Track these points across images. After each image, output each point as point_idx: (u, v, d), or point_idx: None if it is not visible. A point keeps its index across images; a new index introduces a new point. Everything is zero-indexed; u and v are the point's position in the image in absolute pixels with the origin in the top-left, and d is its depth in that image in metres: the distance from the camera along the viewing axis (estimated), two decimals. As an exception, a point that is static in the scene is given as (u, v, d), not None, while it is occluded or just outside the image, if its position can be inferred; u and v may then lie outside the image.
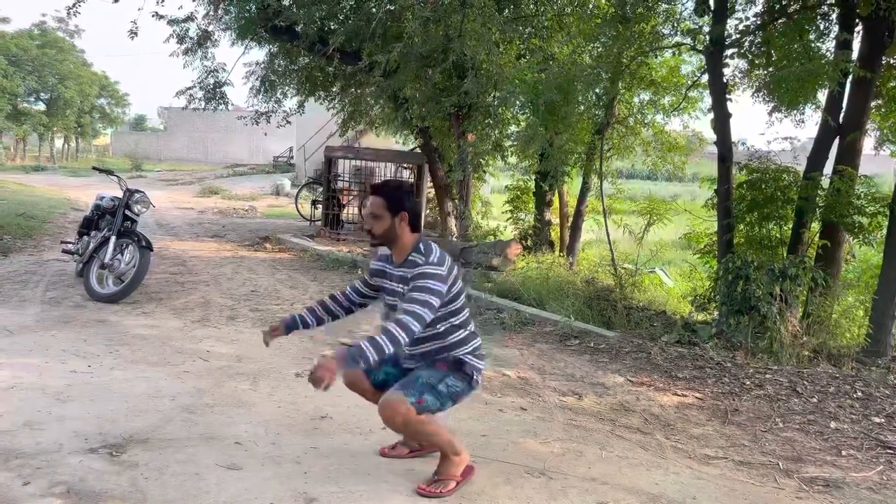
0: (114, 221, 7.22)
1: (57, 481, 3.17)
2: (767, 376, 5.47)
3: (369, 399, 3.52)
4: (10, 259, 8.99)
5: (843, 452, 4.21)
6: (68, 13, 10.26)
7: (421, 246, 3.30)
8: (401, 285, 3.30)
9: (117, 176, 7.73)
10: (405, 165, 14.41)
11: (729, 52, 7.40)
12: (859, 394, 5.18)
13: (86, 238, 7.64)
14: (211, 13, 11.35)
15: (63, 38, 41.38)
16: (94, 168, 8.83)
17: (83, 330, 5.85)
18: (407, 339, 3.05)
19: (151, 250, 7.09)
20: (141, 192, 7.57)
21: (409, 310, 3.08)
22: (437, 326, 3.28)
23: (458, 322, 3.33)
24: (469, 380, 3.36)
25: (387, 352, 3.01)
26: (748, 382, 5.35)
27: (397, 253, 3.36)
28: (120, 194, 7.46)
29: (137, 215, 7.44)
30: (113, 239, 7.05)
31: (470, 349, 3.36)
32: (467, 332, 3.37)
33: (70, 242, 8.00)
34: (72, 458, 3.42)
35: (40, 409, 4.01)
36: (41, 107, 41.85)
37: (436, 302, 3.15)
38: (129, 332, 5.87)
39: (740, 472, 3.86)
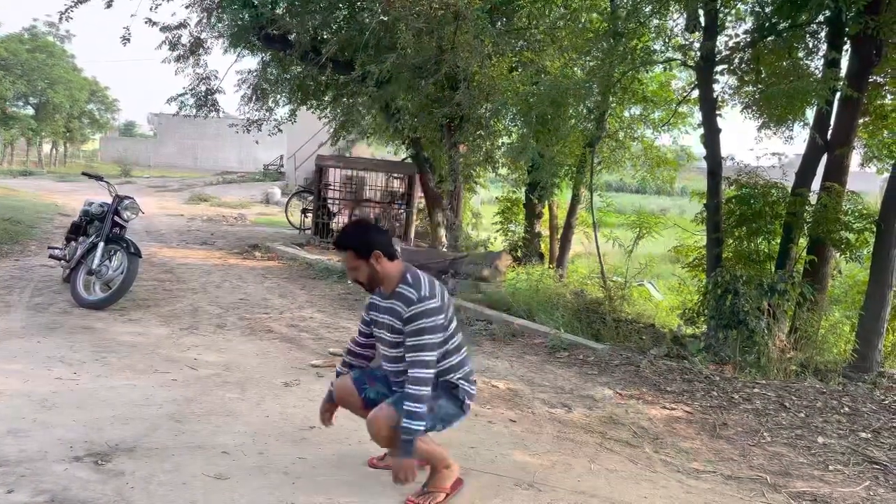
0: (102, 227, 7.16)
1: (41, 489, 3.13)
2: (755, 390, 5.49)
3: (359, 415, 3.52)
4: (-4, 264, 8.90)
5: (831, 467, 4.22)
6: (61, 18, 10.22)
7: (408, 276, 3.27)
8: (389, 317, 3.28)
9: (106, 182, 7.68)
10: (396, 175, 14.41)
11: (719, 68, 7.48)
12: (846, 409, 5.21)
13: (73, 244, 7.58)
14: (204, 20, 11.33)
15: (54, 42, 41.19)
16: (84, 174, 8.78)
17: (69, 336, 5.80)
18: (427, 391, 3.13)
19: (140, 257, 7.04)
20: (130, 198, 7.52)
21: (416, 360, 3.13)
22: None
23: (451, 347, 3.32)
24: (461, 404, 3.37)
25: (421, 413, 3.10)
26: (736, 396, 5.38)
27: (386, 286, 3.33)
28: (109, 200, 7.41)
29: (126, 221, 7.38)
30: (101, 245, 6.99)
31: (462, 374, 3.36)
32: (460, 356, 3.37)
33: (57, 248, 7.93)
34: (56, 466, 3.38)
35: (25, 416, 3.97)
36: (30, 111, 41.57)
37: (439, 338, 3.19)
38: (115, 340, 5.82)
39: (728, 487, 3.87)
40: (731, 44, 7.68)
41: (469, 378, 3.39)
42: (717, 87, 7.52)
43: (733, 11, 7.77)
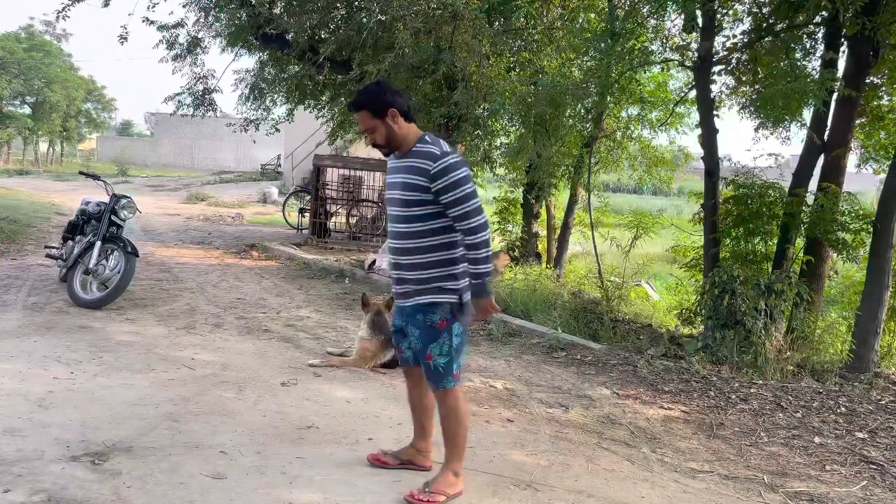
0: (99, 227, 7.14)
1: (38, 489, 3.12)
2: (752, 391, 5.50)
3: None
4: (-7, 263, 8.88)
5: (827, 467, 4.23)
6: (57, 17, 10.20)
7: (427, 137, 3.25)
8: (405, 175, 3.20)
9: (104, 181, 7.67)
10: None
11: (716, 68, 7.47)
12: (843, 409, 5.22)
13: (70, 243, 7.56)
14: (201, 20, 11.32)
15: (50, 41, 41.13)
16: (81, 173, 8.77)
17: (66, 336, 5.78)
18: (486, 235, 3.13)
19: (137, 256, 7.02)
20: (127, 197, 7.50)
21: (463, 212, 3.10)
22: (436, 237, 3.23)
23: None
24: (461, 308, 3.30)
25: (487, 256, 3.13)
26: (733, 396, 5.38)
27: (403, 147, 3.27)
28: (106, 199, 7.39)
29: (123, 221, 7.37)
30: (98, 244, 6.97)
31: (461, 273, 3.27)
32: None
33: (54, 247, 7.92)
34: (53, 465, 3.37)
35: (21, 415, 3.96)
36: (26, 110, 41.50)
37: (475, 188, 3.16)
38: (112, 339, 5.81)
39: (726, 486, 3.87)
40: (728, 44, 7.68)
41: (460, 274, 3.27)
42: (714, 87, 7.51)
43: (731, 12, 7.77)
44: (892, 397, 5.58)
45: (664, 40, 8.50)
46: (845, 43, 6.81)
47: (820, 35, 7.23)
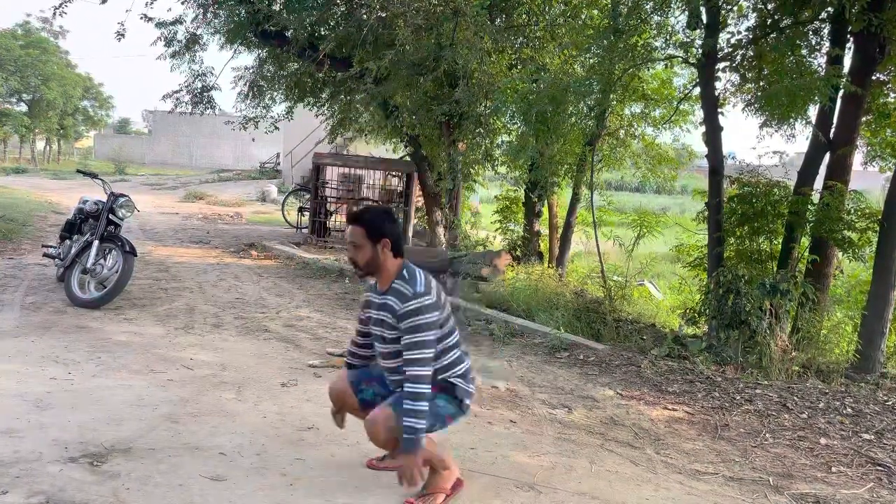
0: (97, 226, 7.09)
1: (36, 491, 3.08)
2: (757, 391, 5.45)
3: (357, 416, 3.47)
4: (-10, 262, 8.82)
5: (834, 469, 4.19)
6: (54, 13, 10.12)
7: (405, 272, 3.21)
8: (383, 313, 3.21)
9: (101, 179, 7.61)
10: (394, 173, 14.35)
11: (721, 65, 7.43)
12: (849, 410, 5.17)
13: (68, 242, 7.51)
14: (200, 16, 11.25)
15: (47, 38, 40.96)
16: (79, 171, 8.70)
17: (64, 336, 5.73)
18: (426, 388, 3.05)
19: (135, 255, 6.97)
20: (125, 196, 7.45)
21: (413, 357, 3.05)
22: None
23: (450, 344, 3.25)
24: (459, 403, 3.29)
25: (422, 410, 3.03)
26: (738, 397, 5.34)
27: (382, 280, 3.26)
28: (104, 198, 7.33)
29: (121, 220, 7.31)
30: (96, 243, 6.92)
31: (461, 372, 3.28)
32: (459, 353, 3.30)
33: (51, 246, 7.85)
34: (51, 467, 3.32)
35: (19, 416, 3.91)
36: (23, 108, 41.35)
37: (434, 336, 3.10)
38: (111, 339, 5.75)
39: (730, 488, 3.83)
40: (733, 41, 7.63)
41: (467, 376, 3.32)
42: (718, 84, 7.49)
43: (735, 8, 7.71)
44: (898, 398, 5.54)
45: (668, 37, 8.44)
46: (851, 39, 6.77)
47: (825, 31, 7.19)
